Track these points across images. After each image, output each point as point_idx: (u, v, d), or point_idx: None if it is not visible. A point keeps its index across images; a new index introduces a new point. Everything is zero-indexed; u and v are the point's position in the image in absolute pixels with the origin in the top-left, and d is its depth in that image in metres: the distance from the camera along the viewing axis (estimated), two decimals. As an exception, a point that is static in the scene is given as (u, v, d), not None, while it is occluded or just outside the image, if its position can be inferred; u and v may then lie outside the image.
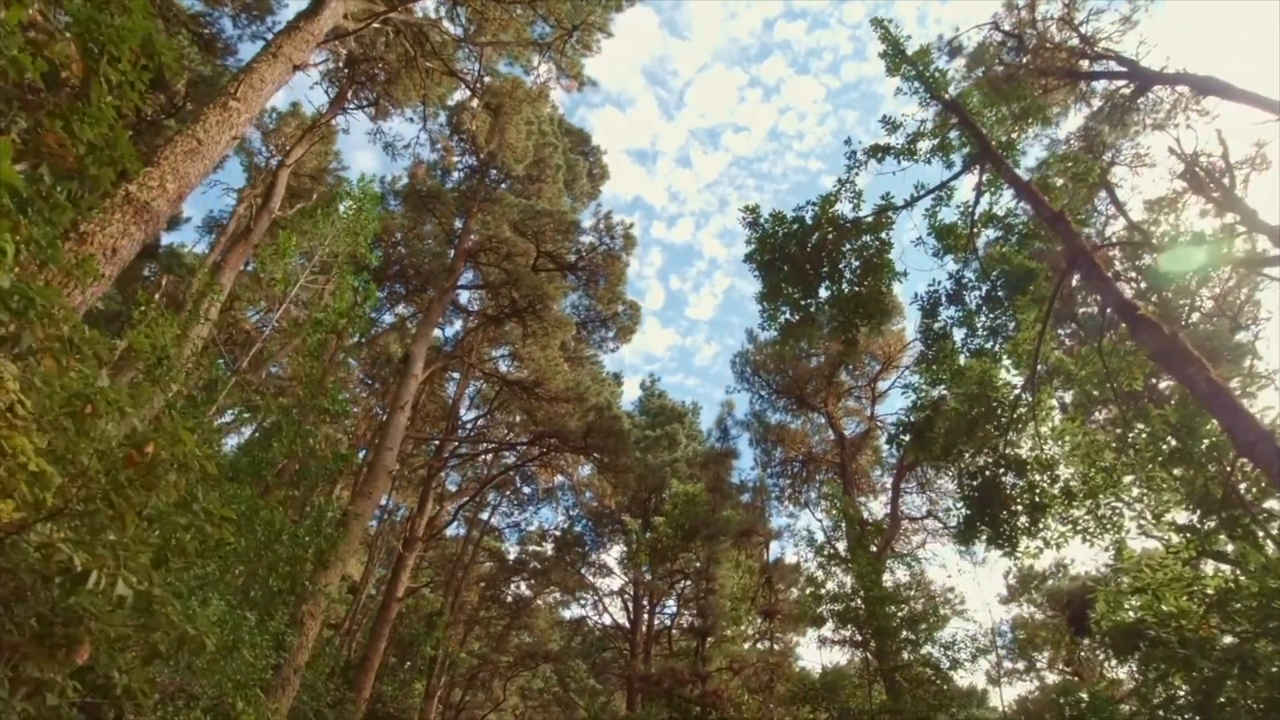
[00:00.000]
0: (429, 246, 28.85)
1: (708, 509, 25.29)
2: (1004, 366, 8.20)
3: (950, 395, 8.28)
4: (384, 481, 19.64)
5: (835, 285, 10.31)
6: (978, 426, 7.90)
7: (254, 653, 6.96)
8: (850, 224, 10.43)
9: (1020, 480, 8.14)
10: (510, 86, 22.62)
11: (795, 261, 10.54)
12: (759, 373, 27.77)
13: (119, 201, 8.95)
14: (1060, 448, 7.92)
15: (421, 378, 22.35)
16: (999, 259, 9.81)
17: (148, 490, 3.79)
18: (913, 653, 13.95)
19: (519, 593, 37.60)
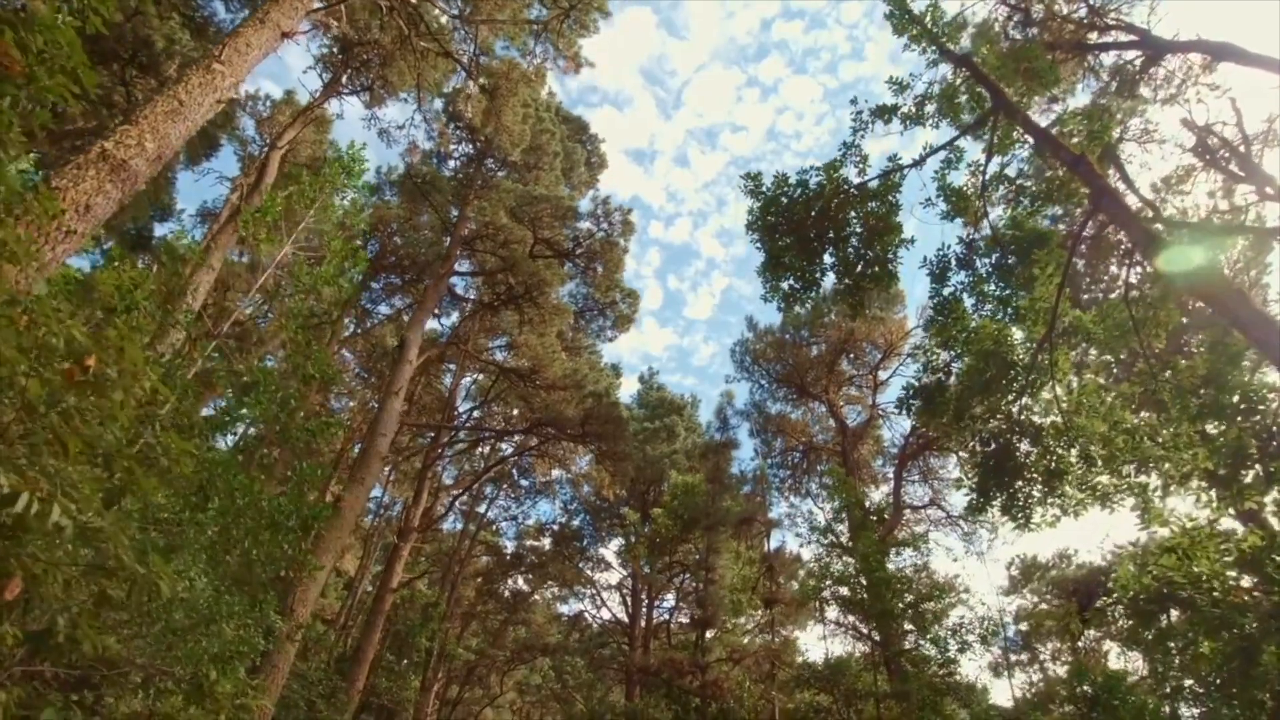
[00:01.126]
0: (425, 237, 28.47)
1: (707, 499, 24.95)
2: (1020, 328, 7.85)
3: (964, 355, 7.93)
4: (377, 467, 19.24)
5: (840, 251, 9.95)
6: (992, 388, 7.55)
7: (233, 625, 6.58)
8: (856, 189, 10.08)
9: (1035, 447, 7.80)
10: (506, 68, 22.26)
11: (799, 227, 10.18)
12: (759, 362, 27.43)
13: (93, 158, 8.58)
14: (1079, 409, 7.56)
15: (416, 364, 21.98)
16: (1010, 225, 9.47)
17: (92, 408, 3.40)
18: (919, 636, 13.62)
19: (516, 588, 37.25)
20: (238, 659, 6.88)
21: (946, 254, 9.25)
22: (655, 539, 26.89)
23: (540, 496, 36.17)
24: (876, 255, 9.10)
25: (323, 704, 17.31)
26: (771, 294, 11.26)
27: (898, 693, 12.98)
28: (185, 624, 6.19)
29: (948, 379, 8.17)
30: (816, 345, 26.59)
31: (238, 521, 6.55)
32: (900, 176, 10.02)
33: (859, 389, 27.42)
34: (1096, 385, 7.60)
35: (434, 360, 31.63)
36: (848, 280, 9.39)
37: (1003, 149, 9.14)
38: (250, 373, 7.43)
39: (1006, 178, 9.18)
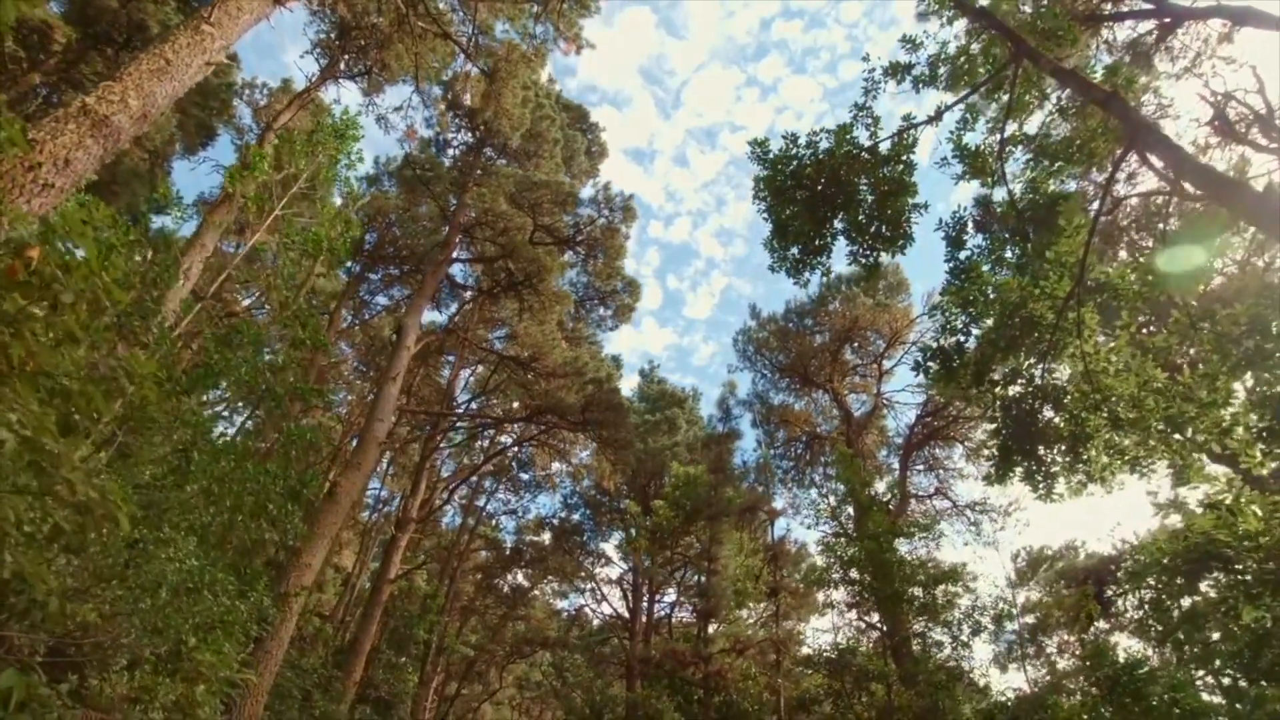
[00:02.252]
0: (423, 228, 28.12)
1: (709, 489, 24.58)
2: (1044, 285, 7.47)
3: (983, 317, 7.56)
4: (374, 454, 18.87)
5: (851, 215, 9.59)
6: (1016, 345, 7.18)
7: (217, 594, 6.22)
8: (868, 151, 9.72)
9: (1059, 411, 7.43)
10: (506, 49, 21.90)
11: (808, 191, 9.83)
12: (761, 351, 27.06)
13: (74, 112, 8.23)
14: (1106, 369, 7.19)
15: (414, 351, 21.62)
16: (1029, 187, 9.11)
17: (39, 321, 3.03)
18: (931, 620, 13.26)
19: (516, 583, 36.87)
20: (221, 629, 6.52)
21: (963, 216, 8.89)
22: (656, 531, 26.51)
23: (540, 490, 35.80)
24: (890, 216, 8.74)
25: (319, 694, 16.94)
26: (779, 264, 10.90)
27: (906, 676, 12.61)
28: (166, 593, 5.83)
29: (966, 339, 7.81)
30: (820, 334, 26.23)
31: (222, 486, 6.19)
32: (913, 139, 9.65)
33: (863, 378, 27.07)
34: (1126, 341, 7.23)
35: (433, 351, 31.29)
36: (860, 244, 9.03)
37: (1020, 110, 8.78)
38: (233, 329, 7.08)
39: (1025, 136, 8.83)
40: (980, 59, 9.81)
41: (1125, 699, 9.37)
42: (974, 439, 25.04)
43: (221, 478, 6.09)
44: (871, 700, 13.23)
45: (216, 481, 6.04)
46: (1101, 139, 8.56)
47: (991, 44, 9.07)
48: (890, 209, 8.89)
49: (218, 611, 6.27)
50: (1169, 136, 5.86)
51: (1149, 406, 6.95)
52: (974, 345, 7.92)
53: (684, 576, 29.31)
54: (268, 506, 6.25)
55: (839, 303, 25.30)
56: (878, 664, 12.90)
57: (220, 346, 6.28)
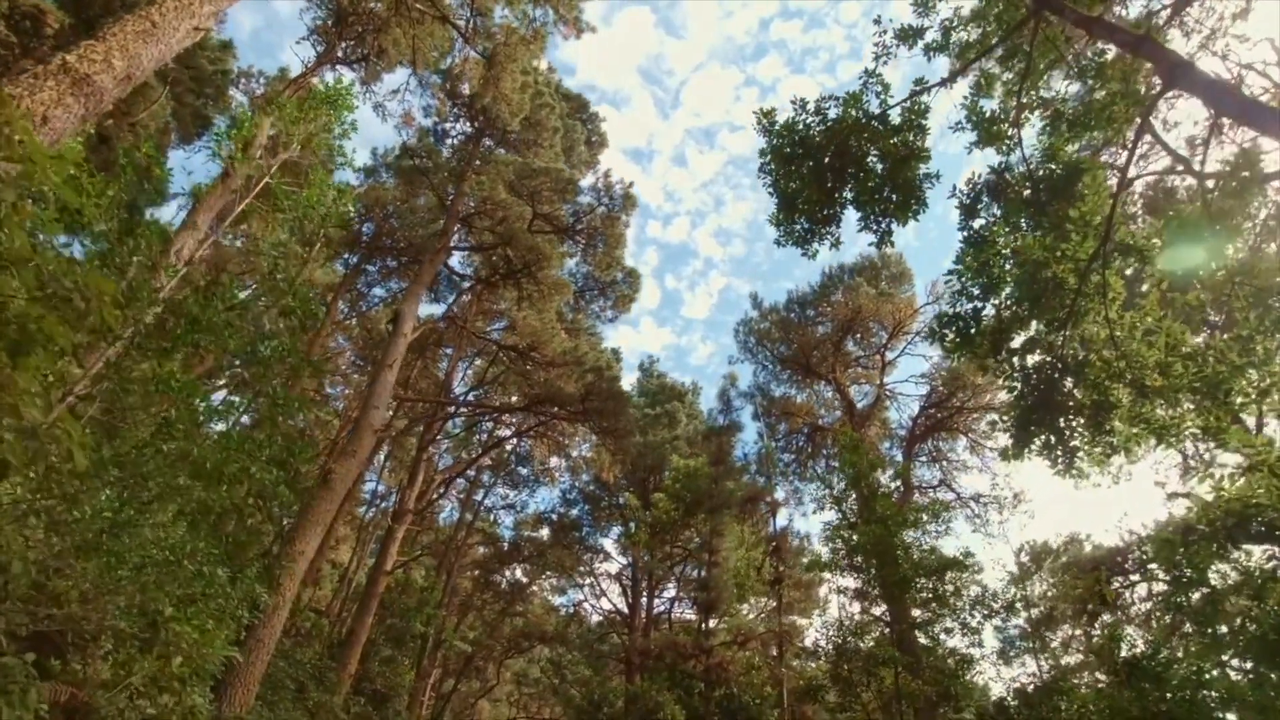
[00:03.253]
0: (421, 219, 27.80)
1: (710, 482, 24.27)
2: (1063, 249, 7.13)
3: (1002, 283, 7.22)
4: (369, 441, 18.55)
5: (861, 184, 9.28)
6: (1036, 310, 6.83)
7: (195, 563, 5.89)
8: (878, 120, 9.40)
9: (1081, 380, 7.10)
10: (504, 33, 21.59)
11: (815, 159, 9.53)
12: (763, 342, 26.75)
13: (54, 69, 7.90)
14: (1131, 333, 6.87)
15: (411, 338, 21.30)
16: (1046, 154, 8.79)
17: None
18: (939, 606, 12.95)
19: (514, 578, 36.53)
20: (203, 603, 6.20)
21: (978, 183, 8.58)
22: (656, 525, 26.19)
23: (539, 484, 35.46)
24: (902, 182, 8.43)
25: (312, 685, 16.61)
26: (785, 237, 10.58)
27: (914, 665, 12.29)
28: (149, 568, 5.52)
29: (983, 306, 7.49)
30: (822, 324, 25.93)
31: (202, 450, 5.86)
32: (924, 107, 9.33)
33: (865, 369, 26.77)
34: (1156, 300, 6.90)
35: (431, 344, 30.97)
36: (871, 211, 8.71)
37: (1037, 75, 8.47)
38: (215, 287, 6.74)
39: (1042, 100, 8.53)
40: (994, 21, 9.51)
41: (1144, 684, 9.08)
42: (978, 431, 24.77)
43: (202, 442, 5.76)
44: (879, 687, 12.92)
45: (197, 445, 5.71)
46: (1122, 102, 8.24)
47: (1010, 4, 8.76)
48: (902, 175, 8.58)
49: (198, 583, 5.95)
50: (1211, 76, 5.57)
51: (1177, 372, 6.63)
52: (991, 313, 7.61)
53: (684, 571, 29.00)
54: (251, 471, 5.92)
55: (841, 293, 25.01)
56: (887, 650, 12.58)
57: (201, 300, 5.96)
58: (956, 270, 7.68)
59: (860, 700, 13.20)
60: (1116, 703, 9.27)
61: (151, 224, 19.42)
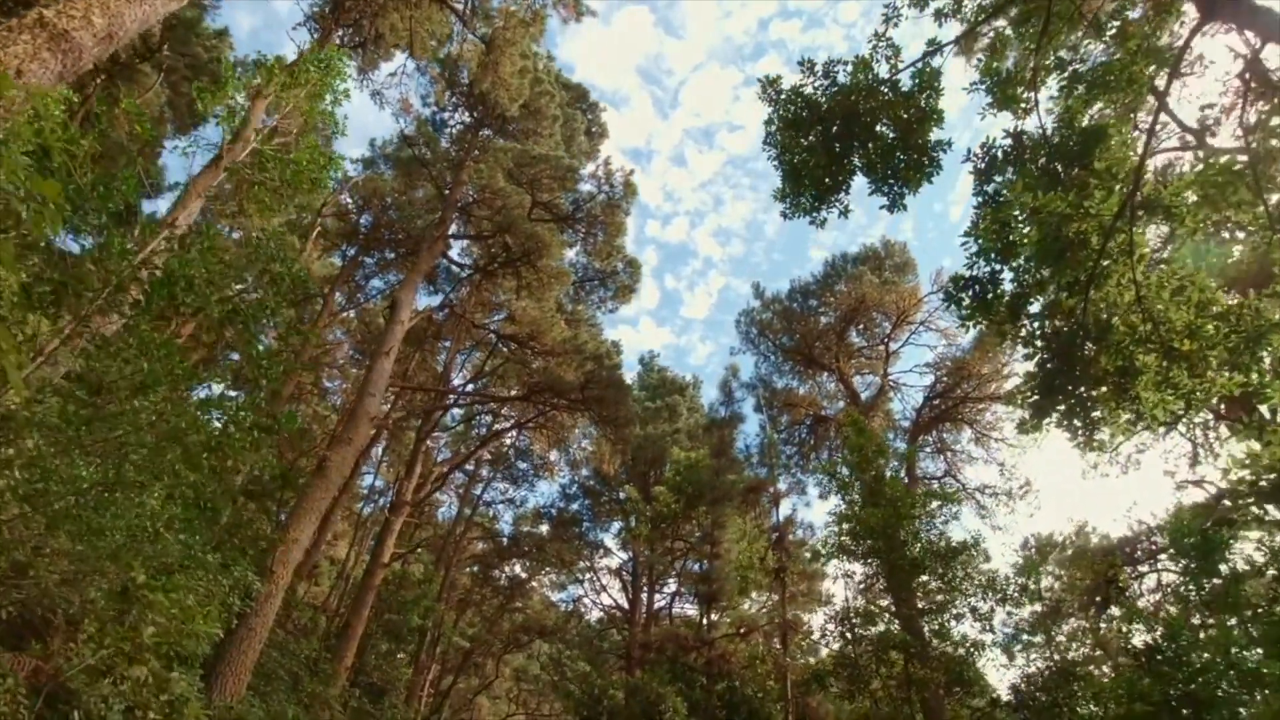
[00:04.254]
0: (419, 211, 27.49)
1: (712, 473, 23.94)
2: (1086, 206, 6.77)
3: (1019, 250, 6.88)
4: (366, 428, 18.22)
5: (871, 150, 8.95)
6: (1059, 269, 6.48)
7: (171, 532, 5.56)
8: (888, 86, 9.07)
9: (1105, 344, 6.76)
10: (503, 16, 21.26)
11: (823, 125, 9.21)
12: (765, 333, 26.41)
13: (29, 22, 7.58)
14: (1159, 293, 6.54)
15: (409, 325, 20.97)
16: (1065, 118, 8.46)
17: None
18: (949, 592, 12.63)
19: (513, 574, 36.19)
20: (181, 574, 5.86)
21: (993, 146, 8.25)
22: (657, 518, 25.85)
23: (538, 479, 35.11)
24: (915, 144, 8.10)
25: (307, 677, 16.28)
26: (792, 210, 10.26)
27: (918, 653, 11.96)
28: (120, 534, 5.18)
29: (1001, 269, 7.16)
30: (825, 314, 25.59)
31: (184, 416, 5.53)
32: (936, 72, 9.00)
33: (869, 359, 26.44)
34: (1187, 254, 6.57)
35: (430, 335, 30.65)
36: (881, 176, 8.38)
37: (1055, 34, 8.13)
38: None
39: (1060, 61, 8.19)
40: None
41: (1164, 668, 8.76)
42: (983, 422, 24.44)
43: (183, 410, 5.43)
44: (889, 673, 12.59)
45: (176, 411, 5.38)
46: (1143, 61, 7.91)
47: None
48: (914, 138, 8.25)
49: (175, 551, 5.62)
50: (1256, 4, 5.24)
51: (1208, 333, 6.29)
52: (1009, 278, 7.28)
53: (685, 566, 28.66)
54: (230, 430, 5.58)
55: (845, 282, 24.68)
56: (899, 635, 12.23)
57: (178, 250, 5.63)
58: (973, 232, 7.34)
59: (868, 689, 12.87)
60: (1135, 688, 8.96)
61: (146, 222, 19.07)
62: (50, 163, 5.13)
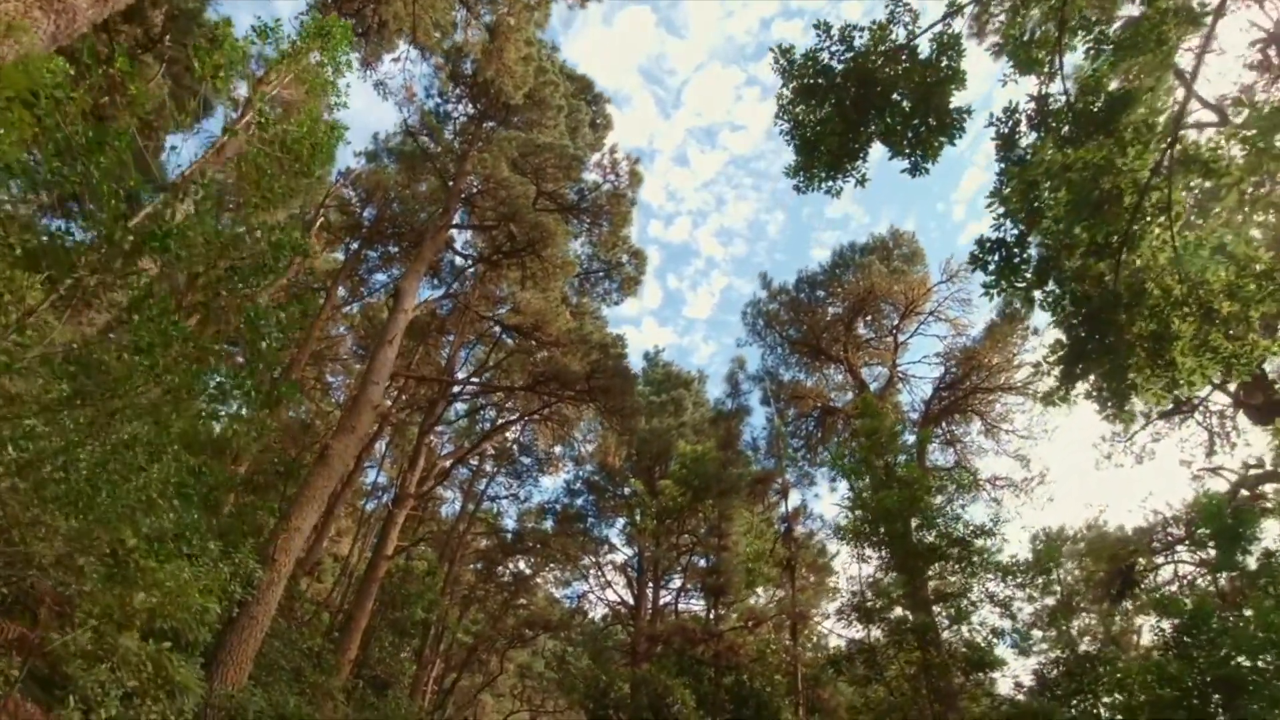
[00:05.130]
0: (422, 204, 27.28)
1: (718, 466, 23.65)
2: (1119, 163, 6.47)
3: (1045, 212, 6.56)
4: (369, 417, 18.00)
5: (888, 115, 8.68)
6: (1101, 218, 6.16)
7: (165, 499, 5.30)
8: (906, 53, 8.80)
9: (1138, 311, 6.46)
10: (507, 1, 21.03)
11: (839, 92, 8.94)
12: (772, 325, 26.12)
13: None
14: (1196, 252, 6.25)
15: (411, 315, 20.74)
16: (1090, 83, 8.16)
17: None
18: (966, 577, 12.34)
19: (517, 570, 35.93)
20: (176, 544, 5.61)
21: (1017, 113, 7.97)
22: (663, 512, 25.57)
23: (542, 473, 34.86)
24: (936, 106, 7.83)
25: (310, 668, 16.04)
26: (806, 184, 10.00)
27: (933, 640, 11.67)
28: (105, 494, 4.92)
29: (1029, 231, 6.86)
30: (833, 305, 25.29)
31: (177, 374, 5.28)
32: (954, 38, 8.72)
33: (877, 349, 26.14)
34: (1232, 205, 6.29)
35: (434, 329, 30.44)
36: (900, 141, 8.10)
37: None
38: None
39: (1086, 20, 7.91)
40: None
41: (1194, 651, 8.47)
42: (993, 413, 24.12)
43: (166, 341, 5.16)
44: (907, 658, 12.27)
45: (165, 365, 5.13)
46: (1173, 21, 7.62)
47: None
48: (934, 101, 7.97)
49: (172, 520, 5.36)
50: None
51: (1249, 292, 6.00)
52: (1036, 241, 6.98)
53: (691, 562, 28.35)
54: (219, 384, 5.32)
55: (853, 272, 24.38)
56: (919, 617, 11.93)
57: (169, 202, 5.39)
58: (999, 194, 7.05)
59: (884, 676, 12.56)
60: (1165, 672, 8.66)
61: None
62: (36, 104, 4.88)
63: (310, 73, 9.90)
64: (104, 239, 5.01)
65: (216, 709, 11.34)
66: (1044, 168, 6.67)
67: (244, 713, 11.49)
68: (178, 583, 5.72)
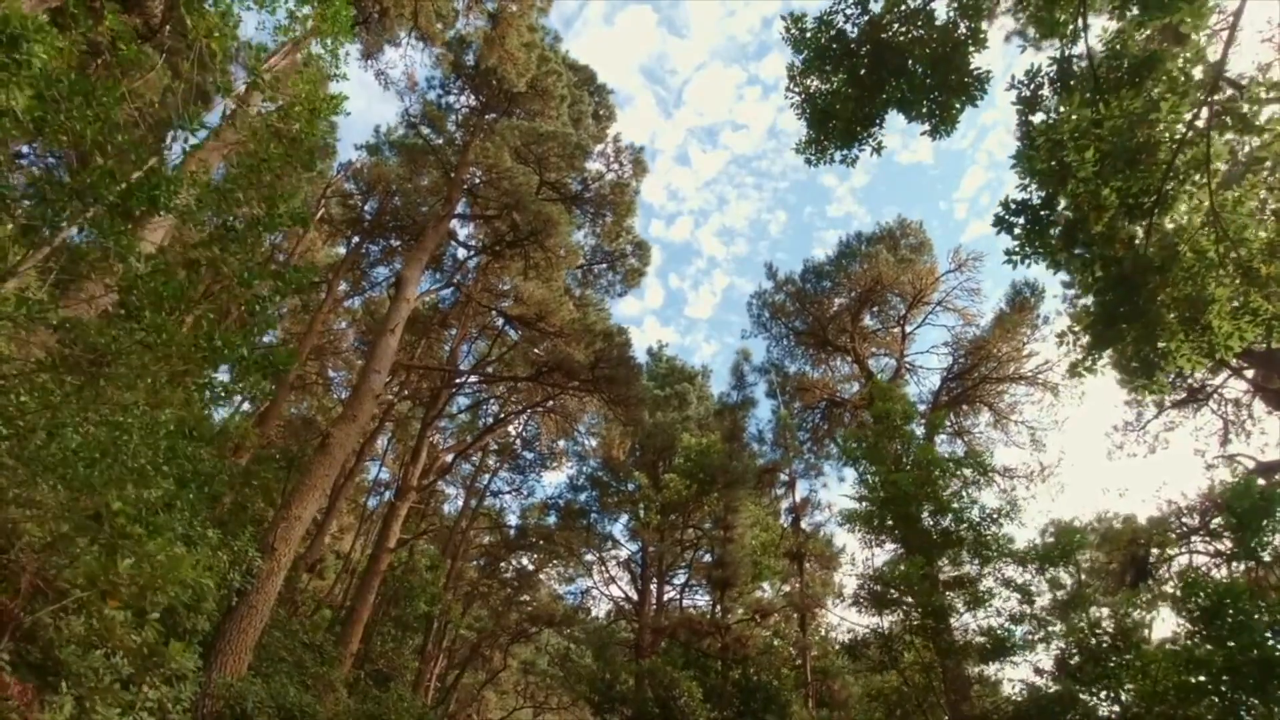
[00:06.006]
0: (424, 198, 27.05)
1: (724, 457, 23.37)
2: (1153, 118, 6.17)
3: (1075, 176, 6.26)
4: (370, 405, 17.77)
5: (902, 88, 8.41)
6: (1133, 170, 5.87)
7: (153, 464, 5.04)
8: (923, 16, 8.52)
9: (1173, 273, 6.17)
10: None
11: (852, 59, 8.68)
12: (777, 316, 25.83)
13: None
14: (1238, 210, 5.96)
15: (413, 304, 20.51)
16: (1115, 45, 7.87)
17: None
18: (983, 562, 12.03)
19: (520, 566, 35.69)
20: (166, 514, 5.35)
21: (1038, 74, 7.69)
22: (668, 506, 25.29)
23: (545, 468, 34.60)
24: (956, 65, 7.56)
25: (311, 660, 15.81)
26: (818, 157, 9.76)
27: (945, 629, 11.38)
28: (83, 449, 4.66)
29: (1058, 191, 6.57)
30: (840, 295, 25.00)
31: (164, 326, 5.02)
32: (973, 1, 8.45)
33: (883, 341, 25.84)
34: (1266, 174, 6.01)
35: (436, 323, 30.20)
36: (919, 103, 7.84)
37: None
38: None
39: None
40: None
41: (1223, 632, 8.18)
42: (1002, 404, 23.83)
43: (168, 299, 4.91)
44: (925, 641, 11.97)
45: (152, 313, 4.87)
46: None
47: None
48: (956, 60, 7.70)
49: (167, 487, 5.10)
50: None
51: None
52: (1063, 204, 6.68)
53: (696, 557, 28.07)
54: (214, 342, 5.07)
55: (859, 262, 24.08)
56: (937, 598, 11.62)
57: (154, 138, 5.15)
58: (1024, 155, 6.76)
59: (899, 663, 12.26)
60: (1195, 655, 8.37)
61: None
62: (17, 52, 4.63)
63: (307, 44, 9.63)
64: (92, 189, 4.75)
65: (215, 698, 11.12)
66: (1073, 125, 6.39)
67: (243, 702, 11.25)
68: (169, 555, 5.45)
